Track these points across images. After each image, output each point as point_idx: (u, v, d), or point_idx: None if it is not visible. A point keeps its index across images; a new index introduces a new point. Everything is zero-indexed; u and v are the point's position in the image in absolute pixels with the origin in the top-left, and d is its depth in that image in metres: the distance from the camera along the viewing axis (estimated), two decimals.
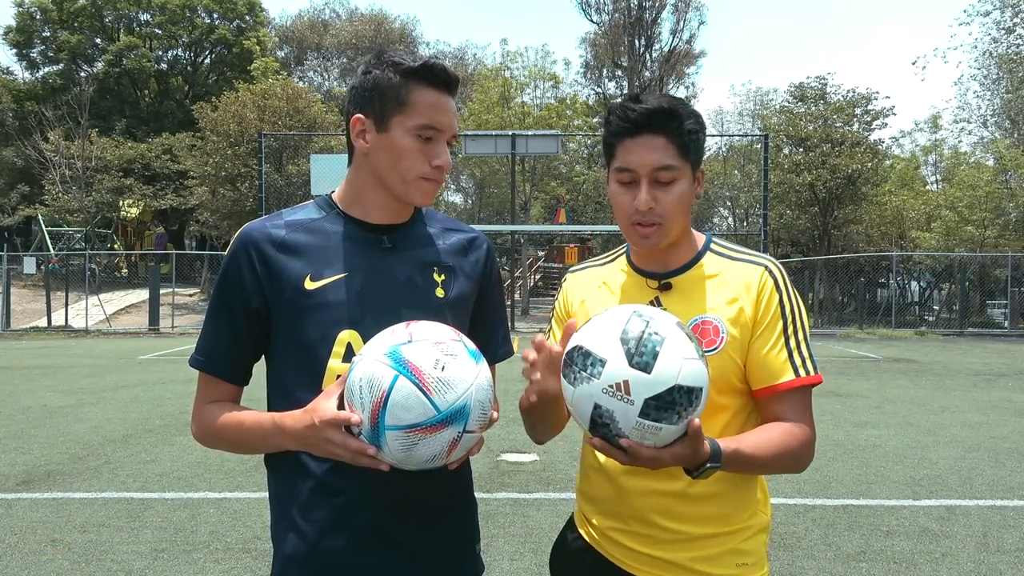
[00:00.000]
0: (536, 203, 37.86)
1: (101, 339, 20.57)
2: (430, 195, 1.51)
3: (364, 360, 1.28)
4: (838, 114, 30.01)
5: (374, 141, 1.48)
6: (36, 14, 37.24)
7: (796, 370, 1.51)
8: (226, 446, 1.53)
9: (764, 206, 24.14)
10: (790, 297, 1.55)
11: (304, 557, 1.47)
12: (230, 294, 1.50)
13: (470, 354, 1.31)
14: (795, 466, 1.54)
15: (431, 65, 1.45)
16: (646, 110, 1.47)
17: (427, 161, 1.47)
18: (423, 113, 1.45)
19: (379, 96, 1.46)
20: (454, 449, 1.28)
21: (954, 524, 4.84)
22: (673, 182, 1.50)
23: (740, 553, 1.56)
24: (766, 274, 1.56)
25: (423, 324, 1.33)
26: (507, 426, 7.07)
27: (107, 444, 7.02)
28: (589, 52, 42.38)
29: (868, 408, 9.14)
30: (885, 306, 25.69)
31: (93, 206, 31.08)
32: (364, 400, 1.25)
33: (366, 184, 1.53)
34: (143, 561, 4.15)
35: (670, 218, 1.51)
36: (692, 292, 1.57)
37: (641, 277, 1.63)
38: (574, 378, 1.29)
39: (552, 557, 1.80)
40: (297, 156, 27.89)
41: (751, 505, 1.60)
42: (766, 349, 1.52)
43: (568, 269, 1.71)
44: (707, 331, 1.53)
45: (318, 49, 47.90)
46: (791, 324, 1.54)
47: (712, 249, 1.62)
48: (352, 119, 1.49)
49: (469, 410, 1.26)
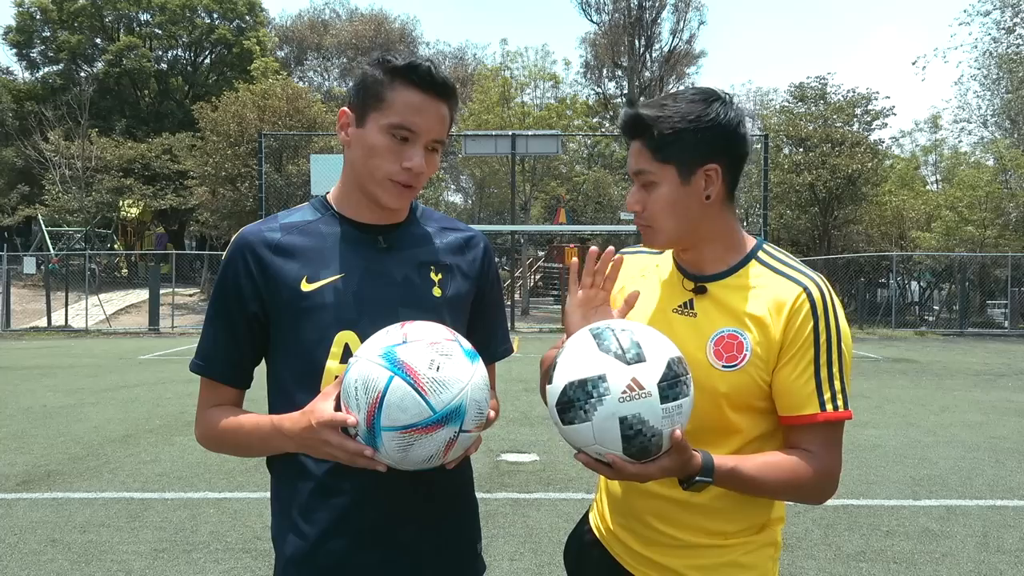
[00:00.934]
0: (536, 203, 37.85)
1: (101, 339, 20.56)
2: (401, 199, 1.49)
3: (359, 362, 1.28)
4: (838, 114, 30.02)
5: (353, 135, 1.49)
6: (36, 14, 37.24)
7: (823, 404, 1.43)
8: (228, 449, 1.54)
9: (764, 206, 24.16)
10: (828, 324, 1.44)
11: (305, 558, 1.47)
12: (228, 299, 1.50)
13: (465, 353, 1.30)
14: (807, 499, 1.50)
15: (415, 65, 1.42)
16: (625, 118, 1.51)
17: (398, 162, 1.44)
18: (398, 112, 1.43)
19: (363, 91, 1.46)
20: (451, 449, 1.28)
21: (954, 524, 4.84)
22: (652, 185, 1.49)
23: (740, 567, 1.53)
24: (803, 296, 1.45)
25: (418, 324, 1.33)
26: (507, 426, 7.07)
27: (107, 444, 7.02)
28: (589, 52, 42.40)
29: (868, 408, 9.14)
30: (885, 306, 25.69)
31: (93, 206, 31.08)
32: (360, 401, 1.25)
33: (352, 182, 1.53)
34: (143, 561, 4.14)
35: (657, 220, 1.50)
36: (725, 301, 1.51)
37: (680, 275, 1.59)
38: (585, 412, 1.27)
39: (566, 546, 1.82)
40: (297, 156, 27.88)
41: (757, 524, 1.55)
42: (793, 377, 1.44)
43: (622, 251, 1.68)
44: (731, 345, 1.47)
45: (318, 49, 47.88)
46: (824, 353, 1.43)
47: (758, 257, 1.54)
48: (340, 111, 1.51)
49: (465, 410, 1.26)
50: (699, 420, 1.41)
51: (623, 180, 36.14)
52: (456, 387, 1.25)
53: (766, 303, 1.47)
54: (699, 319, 1.52)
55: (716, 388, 1.47)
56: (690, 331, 1.52)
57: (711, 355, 1.48)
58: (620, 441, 1.27)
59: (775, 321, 1.45)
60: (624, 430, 1.26)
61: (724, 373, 1.46)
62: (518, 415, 7.99)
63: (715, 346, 1.48)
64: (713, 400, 1.47)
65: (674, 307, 1.57)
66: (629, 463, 1.29)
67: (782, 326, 1.45)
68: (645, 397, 1.25)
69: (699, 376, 1.44)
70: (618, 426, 1.25)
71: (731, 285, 1.52)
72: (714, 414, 1.48)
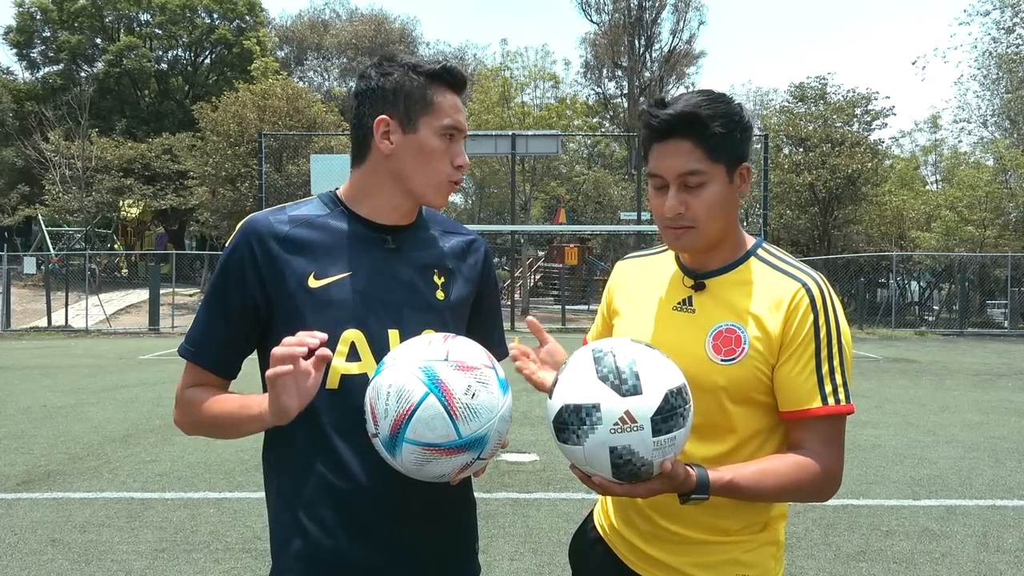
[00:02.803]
0: (536, 203, 37.88)
1: (101, 339, 20.56)
2: (448, 197, 1.56)
3: (397, 368, 1.28)
4: (838, 114, 30.03)
5: (400, 142, 1.48)
6: (36, 14, 37.24)
7: (825, 398, 1.45)
8: (204, 429, 1.51)
9: (764, 206, 24.17)
10: (828, 319, 1.47)
11: (306, 556, 1.47)
12: (229, 285, 1.48)
13: (500, 383, 1.32)
14: (810, 498, 1.51)
15: (450, 68, 1.50)
16: (668, 116, 1.45)
17: (450, 161, 1.50)
18: (447, 113, 1.48)
19: (404, 97, 1.47)
20: (464, 471, 1.31)
21: (954, 524, 4.84)
22: (702, 186, 1.46)
23: (741, 564, 1.53)
24: (802, 292, 1.47)
25: (461, 343, 1.34)
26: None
27: (107, 444, 7.02)
28: (589, 52, 42.42)
29: (868, 408, 9.13)
30: (885, 306, 25.69)
31: (93, 206, 31.08)
32: (390, 408, 1.26)
33: (382, 185, 1.52)
34: (143, 561, 4.15)
35: (702, 221, 1.48)
36: (723, 296, 1.53)
37: (681, 273, 1.61)
38: (577, 437, 1.28)
39: (571, 544, 1.83)
40: (297, 156, 27.89)
41: (759, 522, 1.56)
42: (794, 372, 1.46)
43: (621, 257, 1.71)
44: (729, 339, 1.49)
45: (318, 49, 47.88)
46: (825, 348, 1.45)
47: (758, 255, 1.56)
48: (376, 120, 1.48)
49: (488, 440, 1.29)
50: (700, 415, 1.42)
51: (623, 180, 36.16)
52: (485, 417, 1.27)
53: (765, 299, 1.49)
54: (697, 315, 1.54)
55: (716, 382, 1.48)
56: (689, 327, 1.54)
57: (710, 349, 1.49)
58: (610, 468, 1.29)
59: (774, 317, 1.47)
60: (614, 459, 1.27)
61: (723, 367, 1.48)
62: (518, 415, 7.98)
63: (713, 340, 1.50)
64: (713, 394, 1.48)
65: (673, 305, 1.58)
66: (617, 484, 1.31)
67: (781, 322, 1.46)
68: (637, 430, 1.25)
69: (699, 371, 1.46)
70: (608, 455, 1.27)
71: (729, 281, 1.54)
72: (714, 408, 1.49)
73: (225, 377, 1.55)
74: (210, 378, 1.53)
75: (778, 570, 1.59)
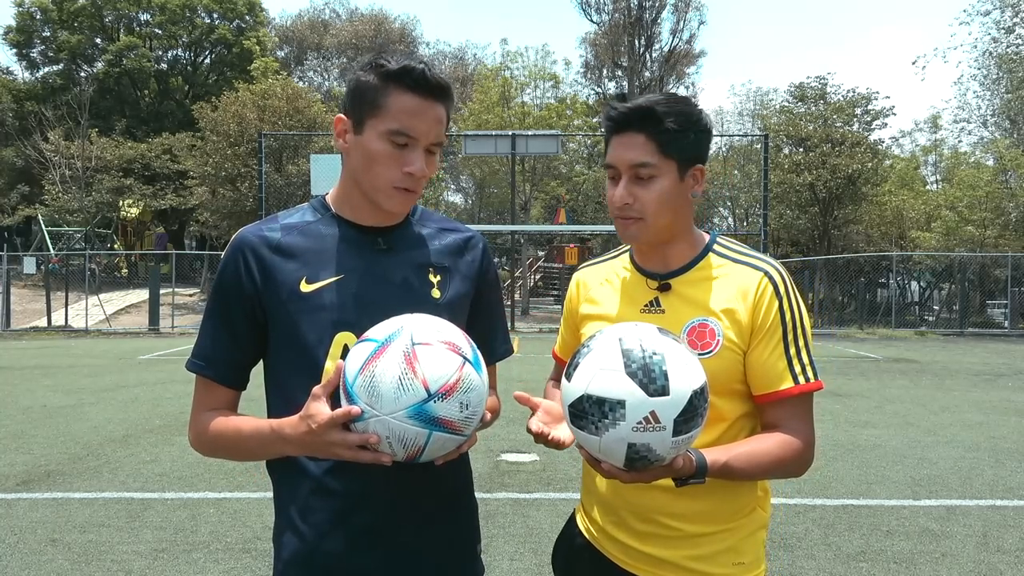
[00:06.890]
0: (536, 203, 37.86)
1: (101, 339, 20.56)
2: (404, 204, 1.49)
3: (383, 420, 1.24)
4: (838, 114, 30.02)
5: (351, 143, 1.48)
6: (36, 14, 37.27)
7: (795, 377, 1.52)
8: (224, 454, 1.52)
9: (764, 206, 24.17)
10: (791, 303, 1.54)
11: (304, 558, 1.47)
12: (227, 298, 1.49)
13: (475, 366, 1.30)
14: (791, 474, 1.55)
15: (410, 68, 1.39)
16: (626, 109, 1.51)
17: (399, 168, 1.43)
18: (396, 118, 1.41)
19: (358, 98, 1.45)
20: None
21: (954, 524, 4.83)
22: (652, 179, 1.52)
23: (737, 552, 1.57)
24: (765, 280, 1.54)
25: (425, 355, 1.26)
26: (507, 426, 7.06)
27: (107, 444, 7.02)
28: (589, 52, 42.38)
29: (868, 408, 9.14)
30: (885, 306, 25.70)
31: (93, 206, 31.09)
32: (396, 451, 1.27)
33: (352, 187, 1.52)
34: (143, 561, 4.14)
35: (651, 214, 1.53)
36: (690, 294, 1.58)
37: (642, 276, 1.64)
38: (596, 428, 1.28)
39: (554, 553, 1.81)
40: (297, 156, 27.90)
41: (750, 502, 1.60)
42: (765, 356, 1.52)
43: (577, 268, 1.74)
44: (703, 334, 1.54)
45: (318, 49, 47.89)
46: (791, 331, 1.53)
47: (715, 249, 1.62)
48: (335, 118, 1.51)
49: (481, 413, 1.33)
50: None
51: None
52: (481, 408, 1.31)
53: (730, 291, 1.55)
54: (667, 315, 1.58)
55: None
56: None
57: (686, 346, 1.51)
58: (623, 461, 1.30)
59: (742, 306, 1.53)
60: (630, 454, 1.28)
61: (702, 361, 1.48)
62: (518, 415, 7.90)
63: (688, 336, 1.54)
64: None
65: (641, 307, 1.61)
66: (625, 472, 1.33)
67: (750, 310, 1.53)
68: (660, 431, 1.25)
69: None
70: (625, 449, 1.27)
71: (693, 278, 1.59)
72: None
73: (236, 388, 1.55)
74: (221, 391, 1.53)
75: (763, 553, 1.63)
